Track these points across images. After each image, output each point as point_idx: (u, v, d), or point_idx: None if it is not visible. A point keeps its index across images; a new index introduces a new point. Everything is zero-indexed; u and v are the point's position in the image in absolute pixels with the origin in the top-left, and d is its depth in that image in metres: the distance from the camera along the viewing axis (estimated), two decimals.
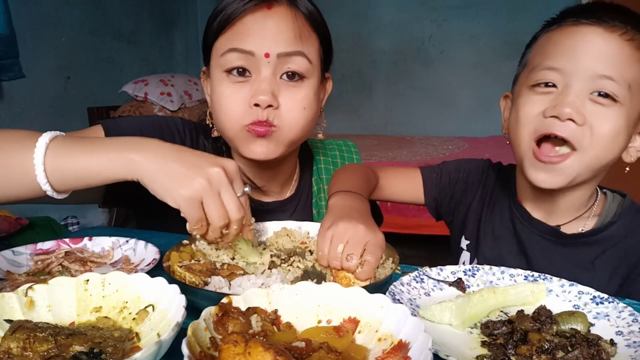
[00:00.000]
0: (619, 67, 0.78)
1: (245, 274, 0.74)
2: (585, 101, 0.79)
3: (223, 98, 0.90)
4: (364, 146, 3.73)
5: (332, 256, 0.70)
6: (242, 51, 0.87)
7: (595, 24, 0.79)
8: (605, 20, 0.79)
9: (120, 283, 0.61)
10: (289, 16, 0.89)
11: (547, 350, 0.54)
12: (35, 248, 0.85)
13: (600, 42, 0.79)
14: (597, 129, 0.78)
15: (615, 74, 0.77)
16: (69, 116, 3.19)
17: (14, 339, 0.49)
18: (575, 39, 0.81)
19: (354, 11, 4.52)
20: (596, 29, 0.79)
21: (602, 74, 0.78)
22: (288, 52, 0.88)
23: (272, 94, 0.87)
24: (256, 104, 0.87)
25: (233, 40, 0.88)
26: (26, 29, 2.85)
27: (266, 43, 0.86)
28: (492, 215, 1.00)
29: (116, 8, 3.63)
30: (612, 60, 0.78)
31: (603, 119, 0.78)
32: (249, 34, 0.87)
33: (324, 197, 1.12)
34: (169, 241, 0.82)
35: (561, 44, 0.82)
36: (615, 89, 0.77)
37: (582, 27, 0.80)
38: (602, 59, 0.78)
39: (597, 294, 0.66)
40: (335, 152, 1.19)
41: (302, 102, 0.91)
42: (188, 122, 1.06)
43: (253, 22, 0.87)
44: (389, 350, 0.50)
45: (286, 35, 0.87)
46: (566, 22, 0.83)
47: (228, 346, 0.45)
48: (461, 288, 0.71)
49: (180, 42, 4.47)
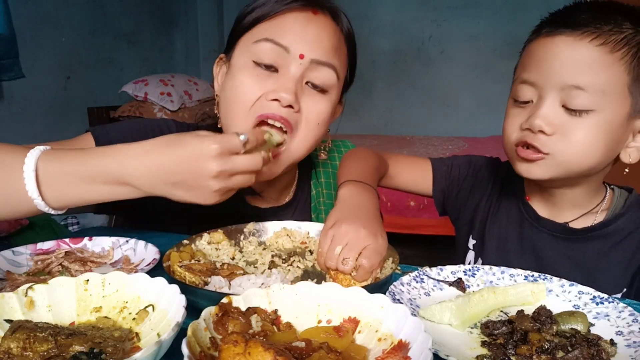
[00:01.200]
0: (589, 75, 0.77)
1: (245, 273, 0.74)
2: (558, 111, 0.80)
3: (240, 86, 0.86)
4: (363, 146, 3.70)
5: (329, 256, 0.69)
6: (277, 44, 0.84)
7: (565, 33, 0.80)
8: (577, 27, 0.79)
9: (120, 283, 0.61)
10: (331, 27, 0.89)
11: (547, 350, 0.54)
12: (35, 248, 0.85)
13: (568, 51, 0.79)
14: (569, 137, 0.79)
15: (585, 82, 0.77)
16: (69, 116, 3.19)
17: (14, 339, 0.49)
18: (546, 50, 0.82)
19: (354, 11, 4.45)
20: (565, 38, 0.79)
21: (571, 84, 0.78)
22: (322, 61, 0.86)
23: (295, 93, 0.84)
24: (276, 99, 0.84)
25: (270, 31, 0.86)
26: (26, 29, 2.85)
27: (303, 44, 0.85)
28: (497, 216, 1.00)
29: (116, 8, 3.62)
30: (581, 68, 0.78)
31: (575, 127, 0.79)
32: (288, 30, 0.85)
33: (323, 201, 1.11)
34: (169, 241, 0.82)
35: (535, 55, 0.83)
36: (585, 98, 0.77)
37: (554, 37, 0.81)
38: (570, 69, 0.78)
39: (597, 294, 0.66)
40: (334, 154, 1.18)
41: (320, 115, 0.90)
42: (180, 123, 1.03)
43: (295, 22, 0.86)
44: (389, 350, 0.50)
45: (325, 44, 0.87)
46: (543, 33, 0.83)
47: (228, 346, 0.45)
48: (461, 288, 0.71)
49: (180, 42, 4.47)
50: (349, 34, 0.94)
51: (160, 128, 0.99)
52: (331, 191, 1.13)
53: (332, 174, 1.14)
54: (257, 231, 0.91)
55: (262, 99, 0.85)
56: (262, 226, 0.92)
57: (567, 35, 0.80)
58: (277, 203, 1.08)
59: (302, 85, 0.87)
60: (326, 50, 0.87)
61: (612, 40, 0.77)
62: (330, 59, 0.88)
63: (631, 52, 0.78)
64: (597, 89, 0.77)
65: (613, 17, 0.79)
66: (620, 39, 0.77)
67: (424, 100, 4.50)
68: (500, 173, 1.05)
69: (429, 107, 4.49)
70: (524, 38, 0.92)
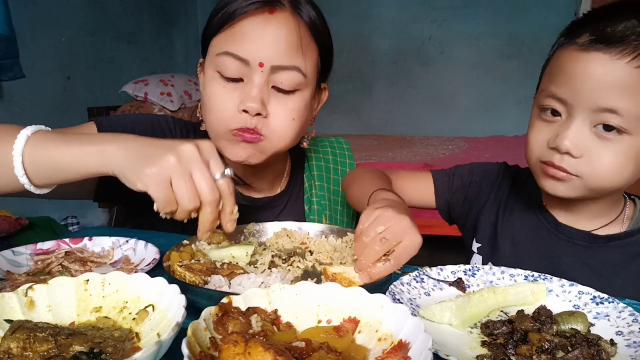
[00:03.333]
0: (625, 99, 0.72)
1: (245, 272, 0.74)
2: (587, 133, 0.76)
3: (213, 98, 0.89)
4: (363, 146, 3.72)
5: (367, 232, 0.67)
6: (236, 57, 0.85)
7: (601, 49, 0.73)
8: (613, 44, 0.73)
9: (120, 283, 0.61)
10: (291, 24, 0.87)
11: (547, 350, 0.54)
12: (35, 248, 0.85)
13: (603, 72, 0.73)
14: (597, 162, 0.76)
15: (621, 106, 0.73)
16: (69, 116, 3.19)
17: (14, 339, 0.49)
18: (578, 66, 0.76)
19: (354, 11, 4.52)
20: (602, 55, 0.73)
21: (605, 107, 0.74)
22: (282, 65, 0.86)
23: (261, 101, 0.86)
24: (245, 110, 0.86)
25: (230, 43, 0.86)
26: (26, 29, 2.85)
27: (261, 51, 0.85)
28: (510, 220, 0.98)
29: (116, 8, 3.63)
30: (616, 91, 0.73)
31: (605, 151, 0.76)
32: (246, 39, 0.85)
33: (316, 193, 1.12)
34: (169, 241, 0.82)
35: (565, 69, 0.78)
36: (620, 122, 0.73)
37: (588, 52, 0.75)
38: (604, 91, 0.74)
39: (597, 294, 0.66)
40: (327, 149, 1.19)
41: (292, 113, 0.90)
42: (179, 120, 1.07)
43: (252, 26, 0.85)
44: (389, 350, 0.50)
45: (284, 45, 0.86)
46: (575, 43, 0.77)
47: (228, 346, 0.45)
48: (461, 288, 0.71)
49: (180, 42, 4.47)
50: (313, 23, 0.91)
51: (160, 122, 1.02)
52: (323, 183, 1.14)
53: (324, 167, 1.15)
54: (257, 231, 0.91)
55: (233, 110, 0.87)
56: (262, 227, 0.92)
57: (603, 53, 0.73)
58: (270, 193, 1.09)
59: (269, 90, 0.88)
60: (286, 52, 0.86)
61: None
62: (292, 61, 0.87)
63: None
64: (631, 113, 0.73)
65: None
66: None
67: (424, 100, 4.50)
68: (507, 178, 1.03)
69: (429, 107, 4.49)
70: (524, 38, 0.92)
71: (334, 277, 0.69)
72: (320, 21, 0.93)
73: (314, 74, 0.93)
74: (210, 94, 0.90)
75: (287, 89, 0.88)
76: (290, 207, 1.10)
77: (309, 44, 0.91)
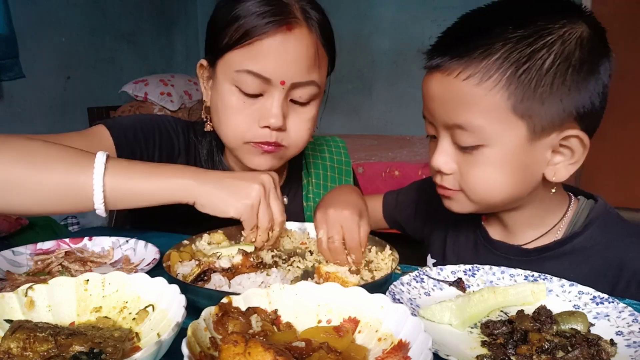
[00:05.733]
0: (463, 113, 0.73)
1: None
2: (453, 151, 0.78)
3: (231, 112, 0.90)
4: (363, 146, 3.72)
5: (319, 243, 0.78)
6: (259, 76, 0.86)
7: (438, 69, 0.75)
8: (443, 65, 0.74)
9: (120, 283, 0.61)
10: (307, 39, 0.88)
11: (547, 350, 0.54)
12: (35, 248, 0.85)
13: (439, 91, 0.76)
14: (467, 177, 0.78)
15: (462, 120, 0.73)
16: (69, 116, 3.19)
17: (14, 339, 0.49)
18: (425, 87, 0.79)
19: (354, 11, 4.52)
20: (438, 75, 0.75)
21: (452, 124, 0.75)
22: (303, 82, 0.88)
23: (283, 116, 0.89)
24: (267, 125, 0.88)
25: (250, 62, 0.86)
26: (26, 29, 2.85)
27: (283, 70, 0.86)
28: (457, 237, 0.97)
29: (116, 8, 3.63)
30: (453, 107, 0.74)
31: (471, 166, 0.77)
32: (267, 58, 0.85)
33: (312, 190, 1.14)
34: (169, 241, 0.82)
35: (424, 92, 0.80)
36: (468, 136, 0.74)
37: (430, 74, 0.78)
38: (446, 109, 0.75)
39: (597, 294, 0.66)
40: (323, 147, 1.20)
41: (308, 122, 0.94)
42: (179, 120, 1.09)
43: (272, 45, 0.85)
44: (389, 350, 0.50)
45: (303, 63, 0.87)
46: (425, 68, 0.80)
47: (228, 346, 0.45)
48: (461, 288, 0.71)
49: (180, 42, 4.47)
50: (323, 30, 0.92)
51: (164, 123, 1.04)
52: (320, 181, 1.16)
53: (321, 166, 1.17)
54: None
55: (252, 123, 0.90)
56: None
57: (439, 72, 0.75)
58: None
59: (287, 104, 0.91)
60: (306, 69, 0.88)
61: (480, 70, 0.71)
62: (310, 76, 0.89)
63: (506, 74, 0.70)
64: (475, 125, 0.73)
65: (486, 35, 0.72)
66: (489, 65, 0.70)
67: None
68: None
69: None
70: None
71: (327, 276, 0.69)
72: (327, 23, 0.94)
73: (325, 81, 0.97)
74: (228, 107, 0.90)
75: (304, 101, 0.92)
76: (288, 204, 1.11)
77: (323, 56, 0.93)
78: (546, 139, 0.74)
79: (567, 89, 0.71)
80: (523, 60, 0.70)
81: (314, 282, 0.62)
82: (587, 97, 0.72)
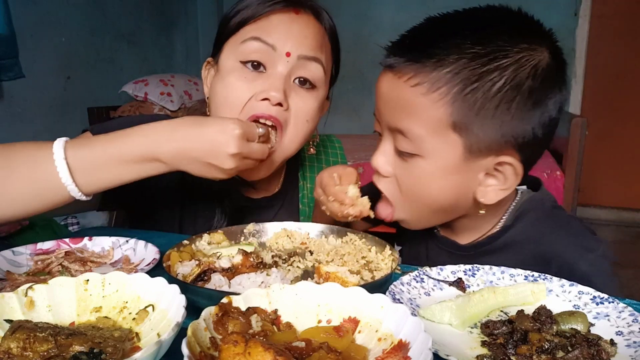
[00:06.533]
0: (406, 119, 0.72)
1: None
2: (393, 154, 0.78)
3: (230, 88, 0.88)
4: (364, 146, 3.71)
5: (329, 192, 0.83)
6: (264, 42, 0.86)
7: (391, 69, 0.74)
8: (395, 65, 0.72)
9: (120, 283, 0.61)
10: (314, 25, 0.91)
11: (547, 350, 0.54)
12: (35, 248, 0.85)
13: (388, 91, 0.75)
14: (399, 182, 0.77)
15: (403, 126, 0.73)
16: (69, 116, 3.19)
17: (14, 339, 0.49)
18: (378, 86, 0.78)
19: (354, 11, 4.52)
20: (390, 75, 0.74)
21: (393, 127, 0.74)
22: (309, 56, 0.88)
23: (284, 92, 0.87)
24: (266, 98, 0.86)
25: (256, 32, 0.87)
26: (26, 29, 2.85)
27: (289, 42, 0.87)
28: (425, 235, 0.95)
29: (116, 8, 3.63)
30: (398, 111, 0.73)
31: (403, 172, 0.76)
32: (273, 29, 0.87)
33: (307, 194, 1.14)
34: (169, 241, 0.82)
35: (376, 89, 0.79)
36: (407, 143, 0.73)
37: (383, 73, 0.76)
38: (391, 111, 0.75)
39: (597, 294, 0.66)
40: (319, 148, 1.20)
41: (308, 112, 0.92)
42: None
43: (279, 21, 0.87)
44: (389, 350, 0.50)
45: (310, 40, 0.88)
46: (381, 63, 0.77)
47: (228, 346, 0.45)
48: (461, 288, 0.71)
49: (180, 42, 4.47)
50: (332, 31, 0.95)
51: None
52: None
53: (317, 168, 1.17)
54: (257, 232, 0.91)
55: (252, 100, 0.87)
56: (262, 227, 0.92)
57: (391, 72, 0.73)
58: (268, 193, 1.10)
59: (291, 83, 0.89)
60: (312, 46, 0.89)
61: (429, 80, 0.69)
62: (317, 54, 0.90)
63: (453, 90, 0.69)
64: (415, 134, 0.72)
65: (443, 45, 0.70)
66: (440, 77, 0.69)
67: None
68: None
69: None
70: None
71: (327, 276, 0.69)
72: (336, 31, 0.96)
73: (329, 77, 0.96)
74: (227, 85, 0.89)
75: (310, 80, 0.90)
76: (287, 206, 1.11)
77: (328, 47, 0.94)
78: (482, 161, 0.73)
79: (510, 116, 0.70)
80: (473, 79, 0.68)
81: (314, 282, 0.62)
82: (530, 128, 0.71)
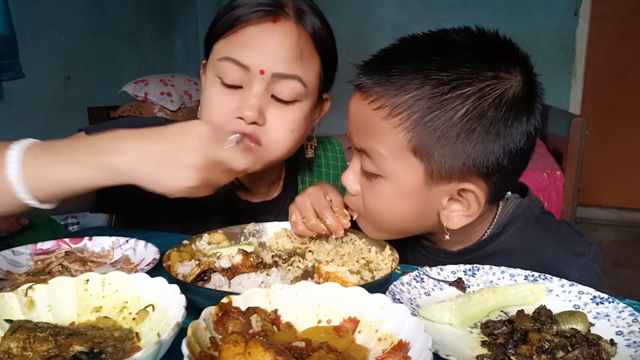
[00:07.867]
0: (369, 141, 0.73)
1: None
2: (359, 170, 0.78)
3: (210, 103, 0.89)
4: None
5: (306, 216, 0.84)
6: (237, 63, 0.85)
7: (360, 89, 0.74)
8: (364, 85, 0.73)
9: (120, 283, 0.61)
10: (293, 34, 0.87)
11: (547, 350, 0.54)
12: (35, 248, 0.85)
13: (354, 112, 0.76)
14: (365, 201, 0.78)
15: (367, 147, 0.73)
16: (69, 116, 3.19)
17: (14, 339, 0.49)
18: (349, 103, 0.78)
19: (354, 11, 4.52)
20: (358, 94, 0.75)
21: (359, 147, 0.75)
22: (284, 73, 0.86)
23: (259, 110, 0.85)
24: (241, 117, 0.86)
25: (231, 49, 0.86)
26: (26, 29, 2.85)
27: (263, 59, 0.85)
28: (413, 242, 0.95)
29: (116, 8, 3.62)
30: (362, 132, 0.74)
31: (368, 192, 0.77)
32: (248, 46, 0.85)
33: None
34: (169, 241, 0.82)
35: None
36: (372, 163, 0.74)
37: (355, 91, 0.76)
38: (357, 131, 0.75)
39: (597, 294, 0.66)
40: (319, 151, 1.18)
41: (290, 124, 0.90)
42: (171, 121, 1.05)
43: (255, 34, 0.85)
44: (389, 350, 0.50)
45: (285, 54, 0.85)
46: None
47: (228, 346, 0.45)
48: (461, 288, 0.71)
49: (180, 42, 4.47)
50: (316, 34, 0.90)
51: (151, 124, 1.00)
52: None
53: (316, 172, 1.15)
54: (257, 232, 0.91)
55: (230, 116, 0.87)
56: (262, 227, 0.92)
57: (359, 92, 0.75)
58: (267, 197, 1.09)
59: (268, 99, 0.87)
60: (288, 61, 0.86)
61: (390, 105, 0.69)
62: (293, 70, 0.86)
63: (414, 117, 0.68)
64: (378, 155, 0.72)
65: (407, 69, 0.69)
66: (402, 102, 0.69)
67: None
68: None
69: None
70: (524, 38, 0.91)
71: (327, 276, 0.69)
72: (325, 31, 0.92)
73: (316, 84, 0.93)
74: (209, 98, 0.90)
75: (286, 99, 0.88)
76: (286, 210, 1.10)
77: (311, 54, 0.90)
78: (444, 186, 0.73)
79: (472, 145, 0.69)
80: (434, 107, 0.68)
81: (314, 282, 0.62)
82: (493, 158, 0.70)
